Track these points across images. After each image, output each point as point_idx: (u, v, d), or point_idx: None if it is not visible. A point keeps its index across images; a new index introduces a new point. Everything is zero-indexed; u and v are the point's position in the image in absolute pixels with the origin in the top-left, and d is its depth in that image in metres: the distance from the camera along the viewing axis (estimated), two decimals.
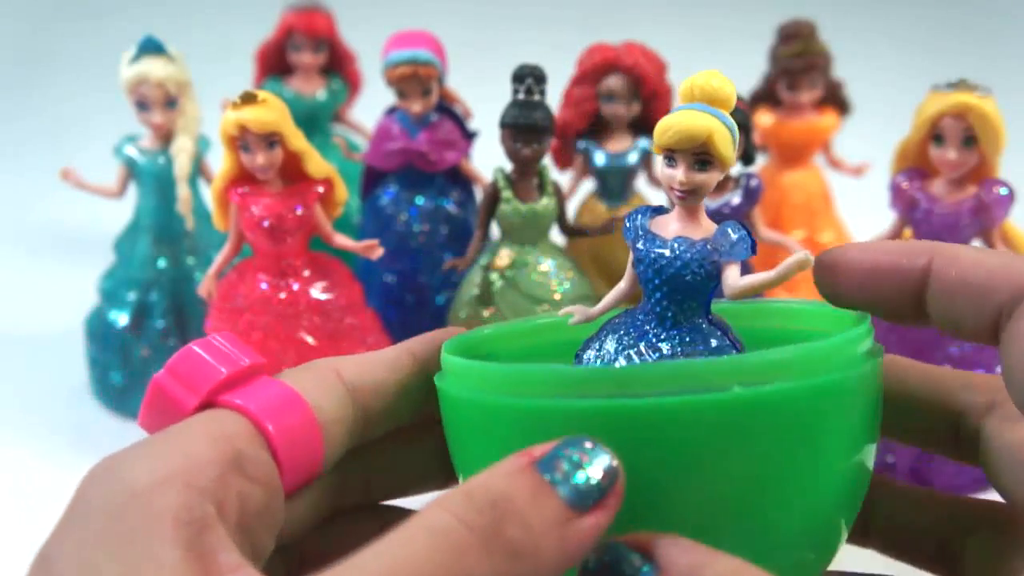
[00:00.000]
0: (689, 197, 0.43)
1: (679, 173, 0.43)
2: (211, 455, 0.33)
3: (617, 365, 0.43)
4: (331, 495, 0.41)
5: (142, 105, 0.76)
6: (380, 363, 0.42)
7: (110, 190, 0.80)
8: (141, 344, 0.80)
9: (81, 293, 0.87)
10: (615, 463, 0.32)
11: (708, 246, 0.43)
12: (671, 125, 0.42)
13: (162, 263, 0.80)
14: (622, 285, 0.48)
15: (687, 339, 0.43)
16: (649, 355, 0.43)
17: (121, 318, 0.80)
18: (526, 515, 0.30)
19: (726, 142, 0.42)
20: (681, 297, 0.43)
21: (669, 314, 0.44)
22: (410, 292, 0.79)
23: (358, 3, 1.15)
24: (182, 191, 0.76)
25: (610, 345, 0.45)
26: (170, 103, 0.76)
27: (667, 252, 0.43)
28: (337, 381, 0.39)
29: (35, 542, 0.31)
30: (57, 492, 0.65)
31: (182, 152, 0.76)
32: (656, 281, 0.44)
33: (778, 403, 0.35)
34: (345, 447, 0.39)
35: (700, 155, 0.43)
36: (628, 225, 0.46)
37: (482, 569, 0.29)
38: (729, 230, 0.43)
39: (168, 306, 0.80)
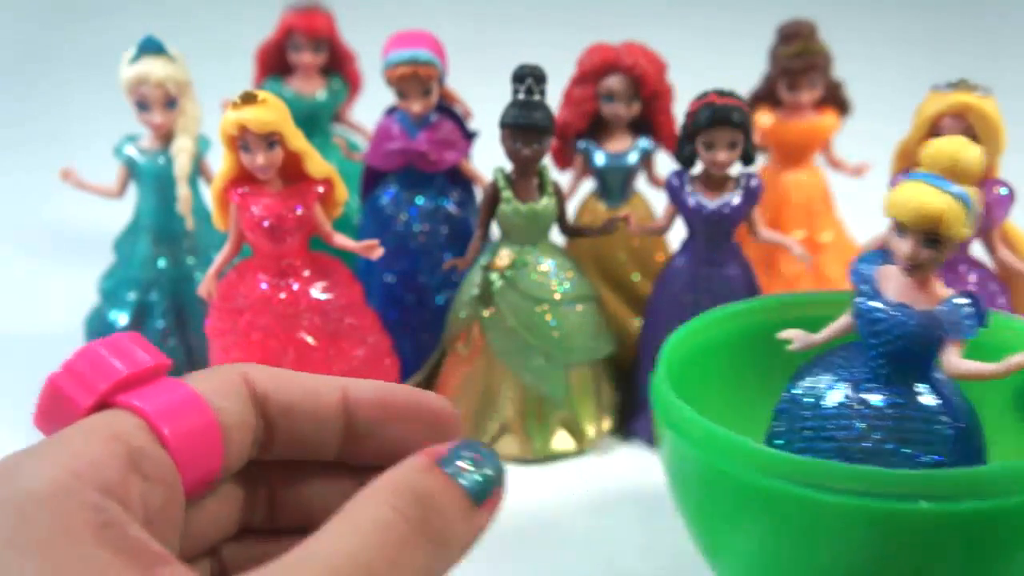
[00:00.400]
0: (915, 271, 0.43)
1: (906, 247, 0.43)
2: (108, 455, 0.33)
3: (827, 403, 0.45)
4: (239, 509, 0.40)
5: (142, 105, 0.76)
6: (297, 385, 0.40)
7: (110, 190, 0.80)
8: None
9: (81, 293, 0.87)
10: (502, 467, 0.36)
11: (933, 318, 0.43)
12: (906, 201, 0.42)
13: (162, 263, 0.80)
14: (843, 321, 0.48)
15: (899, 400, 0.43)
16: (858, 405, 0.44)
17: (121, 318, 0.80)
18: (443, 507, 0.33)
19: (958, 223, 0.42)
20: (897, 361, 0.43)
21: (883, 372, 0.44)
22: (410, 292, 0.79)
23: (358, 3, 1.15)
24: (182, 191, 0.76)
25: (823, 382, 0.46)
26: (170, 103, 0.76)
27: (886, 316, 0.43)
28: (242, 385, 0.38)
29: None
30: None
31: (182, 152, 0.76)
32: (872, 341, 0.44)
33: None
34: (248, 453, 0.39)
35: (930, 233, 0.43)
36: (855, 269, 0.46)
37: (419, 558, 0.32)
38: (961, 304, 0.42)
39: (168, 306, 0.80)
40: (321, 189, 0.65)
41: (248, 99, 0.62)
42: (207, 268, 0.68)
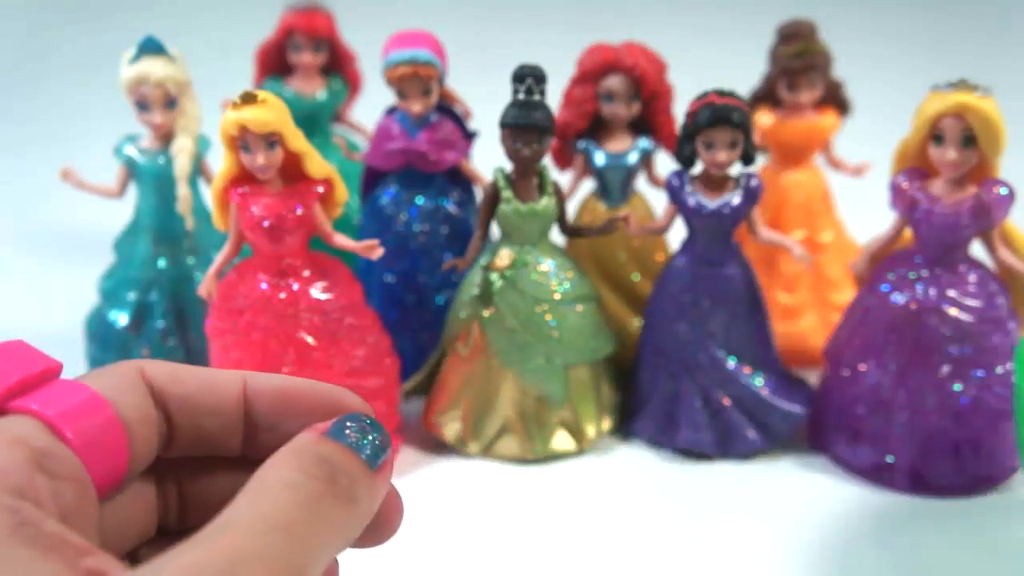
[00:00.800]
0: None
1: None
2: (11, 460, 0.32)
3: None
4: (151, 509, 0.40)
5: (142, 105, 0.76)
6: (196, 379, 0.40)
7: (110, 190, 0.80)
8: (141, 344, 0.80)
9: (81, 293, 0.87)
10: (387, 433, 0.37)
11: None
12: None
13: (162, 263, 0.80)
14: None
15: None
16: None
17: (121, 318, 0.80)
18: (346, 468, 0.34)
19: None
20: None
21: None
22: (410, 292, 0.79)
23: (358, 3, 1.15)
24: (182, 191, 0.76)
25: None
26: (170, 103, 0.76)
27: None
28: (139, 380, 0.38)
29: None
30: None
31: (182, 152, 0.76)
32: None
33: None
34: (154, 449, 0.38)
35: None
36: None
37: (334, 514, 0.33)
38: None
39: (168, 306, 0.80)
40: (321, 189, 0.65)
41: (248, 99, 0.62)
42: (207, 268, 0.68)
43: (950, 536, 0.62)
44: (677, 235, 0.73)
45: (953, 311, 0.65)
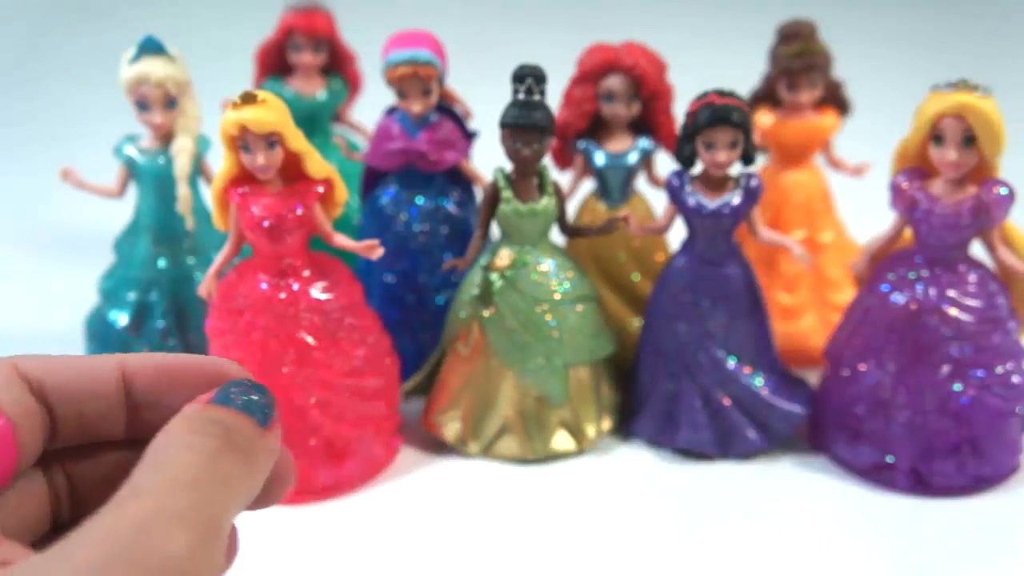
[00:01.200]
0: None
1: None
2: None
3: None
4: (43, 504, 0.40)
5: (142, 105, 0.76)
6: (71, 367, 0.40)
7: (110, 190, 0.80)
8: (141, 344, 0.80)
9: (81, 293, 0.87)
10: (271, 395, 0.37)
11: None
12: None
13: (162, 263, 0.80)
14: None
15: None
16: None
17: (121, 318, 0.80)
18: (239, 428, 0.35)
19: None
20: None
21: None
22: (410, 292, 0.79)
23: (358, 3, 1.15)
24: (182, 191, 0.76)
25: None
26: (170, 103, 0.76)
27: None
28: (15, 376, 0.38)
29: None
30: None
31: (182, 152, 0.76)
32: None
33: None
34: (39, 443, 0.38)
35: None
36: None
37: (235, 468, 0.34)
38: None
39: (168, 306, 0.80)
40: (321, 189, 0.65)
41: (248, 99, 0.62)
42: (207, 268, 0.68)
43: (950, 536, 0.62)
44: (677, 235, 0.73)
45: (953, 311, 0.65)
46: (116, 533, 0.30)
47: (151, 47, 0.75)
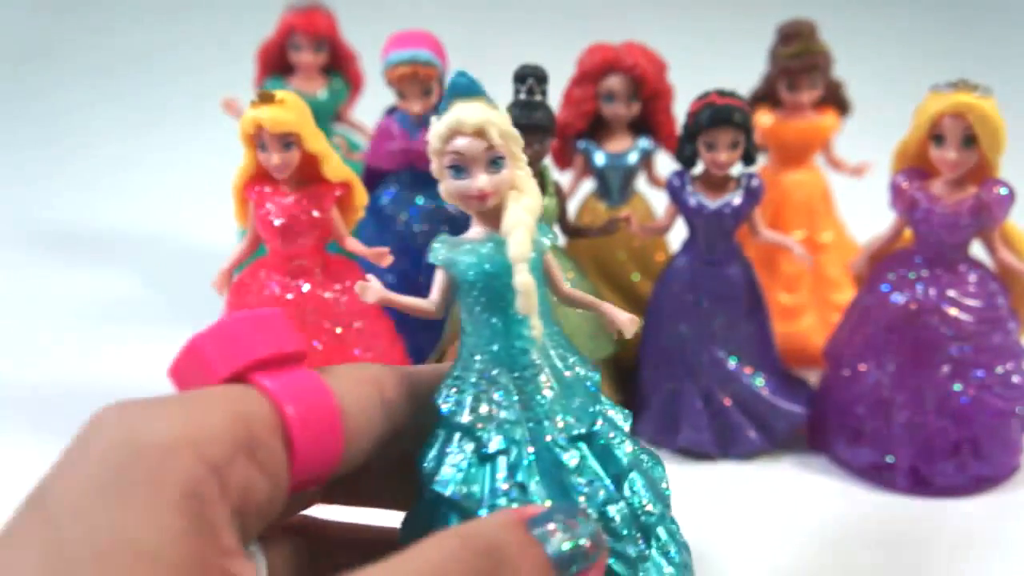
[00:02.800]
0: None
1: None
2: (227, 433, 0.32)
3: None
4: (318, 494, 0.41)
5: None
6: (407, 378, 0.41)
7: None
8: None
9: (81, 293, 0.87)
10: (600, 536, 0.34)
11: None
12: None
13: None
14: None
15: None
16: None
17: None
18: (518, 568, 0.32)
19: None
20: None
21: None
22: (410, 292, 0.79)
23: (358, 3, 1.15)
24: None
25: None
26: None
27: None
28: (376, 391, 0.38)
29: None
30: None
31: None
32: None
33: None
34: (364, 458, 0.38)
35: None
36: None
37: None
38: None
39: None
40: (338, 193, 0.65)
41: (266, 99, 0.62)
42: None
43: (950, 536, 0.62)
44: (678, 235, 0.73)
45: (953, 311, 0.65)
46: None
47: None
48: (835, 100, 0.85)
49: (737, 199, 0.68)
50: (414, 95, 0.75)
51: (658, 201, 0.78)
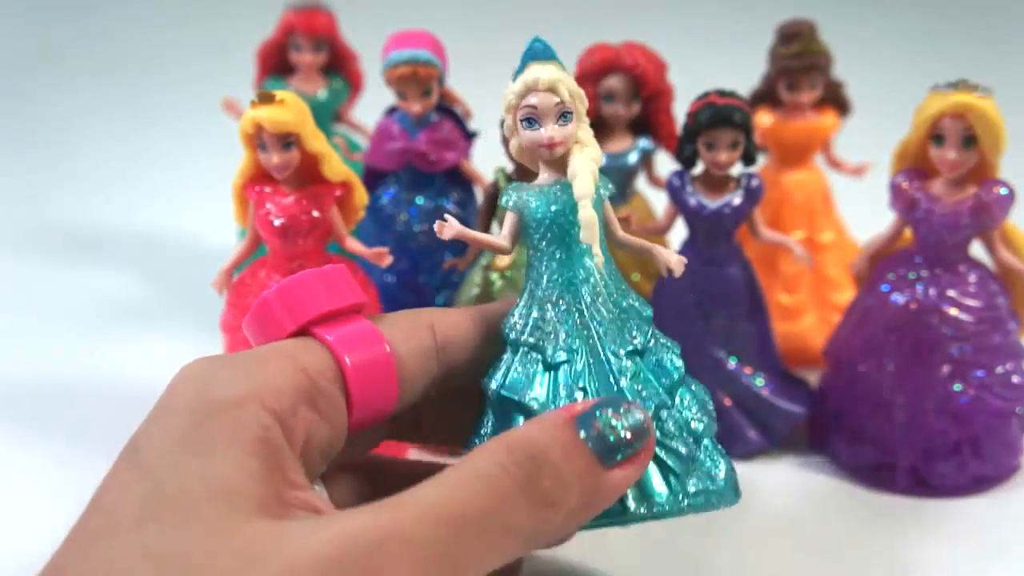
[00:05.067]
0: None
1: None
2: (290, 384, 0.36)
3: None
4: (387, 431, 0.44)
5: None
6: (468, 318, 0.45)
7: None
8: None
9: (81, 292, 0.87)
10: (647, 423, 0.37)
11: None
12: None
13: None
14: None
15: None
16: None
17: None
18: (559, 468, 0.34)
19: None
20: None
21: None
22: (410, 292, 0.79)
23: (358, 3, 1.15)
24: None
25: None
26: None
27: None
28: (429, 336, 0.41)
29: (35, 544, 0.31)
30: (55, 491, 0.65)
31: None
32: None
33: None
34: (419, 399, 0.42)
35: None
36: None
37: (519, 515, 0.33)
38: None
39: None
40: (338, 193, 0.65)
41: (266, 98, 0.62)
42: None
43: (950, 536, 0.62)
44: (678, 235, 0.73)
45: (953, 311, 0.65)
46: (356, 537, 0.31)
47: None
48: (835, 100, 0.85)
49: (737, 199, 0.68)
50: (414, 95, 0.75)
51: (658, 201, 0.78)
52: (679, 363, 0.48)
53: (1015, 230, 0.67)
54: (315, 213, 0.64)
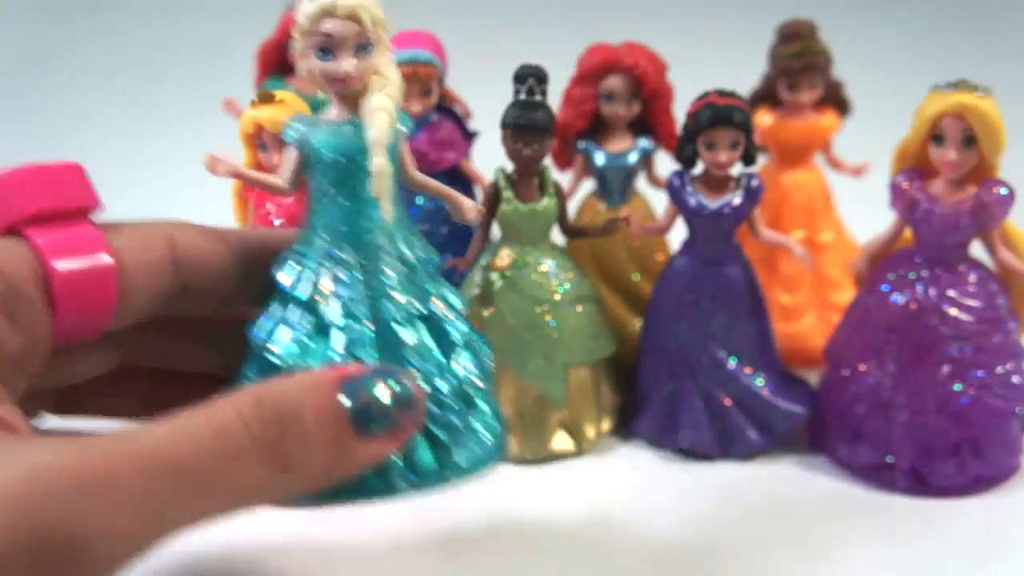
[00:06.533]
0: None
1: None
2: None
3: None
4: (119, 353, 0.40)
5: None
6: (219, 240, 0.41)
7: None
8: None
9: None
10: (417, 398, 0.34)
11: None
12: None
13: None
14: None
15: None
16: None
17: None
18: (307, 431, 0.31)
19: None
20: None
21: None
22: None
23: None
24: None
25: None
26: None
27: None
28: (164, 248, 0.38)
29: None
30: None
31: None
32: None
33: None
34: (148, 315, 0.38)
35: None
36: None
37: (249, 475, 0.30)
38: None
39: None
40: None
41: (265, 99, 0.62)
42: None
43: (950, 536, 0.62)
44: (678, 235, 0.73)
45: (953, 311, 0.65)
46: (48, 475, 0.27)
47: None
48: (835, 100, 0.85)
49: (737, 199, 0.68)
50: (414, 95, 0.76)
51: (658, 201, 0.78)
52: (464, 327, 0.46)
53: (1015, 230, 0.67)
54: None
